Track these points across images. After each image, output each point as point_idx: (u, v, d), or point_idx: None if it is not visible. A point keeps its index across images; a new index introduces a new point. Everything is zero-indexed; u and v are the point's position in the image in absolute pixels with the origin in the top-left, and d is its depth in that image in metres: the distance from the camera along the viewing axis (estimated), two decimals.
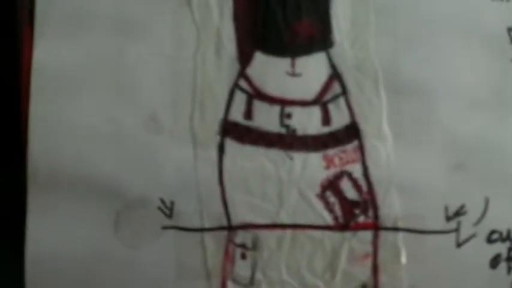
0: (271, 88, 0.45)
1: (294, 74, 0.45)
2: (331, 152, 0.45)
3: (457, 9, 0.47)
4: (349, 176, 0.45)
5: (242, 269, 0.44)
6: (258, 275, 0.45)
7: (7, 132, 0.47)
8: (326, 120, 0.45)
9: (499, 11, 0.46)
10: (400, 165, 0.45)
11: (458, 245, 0.44)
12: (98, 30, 0.46)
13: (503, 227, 0.45)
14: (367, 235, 0.45)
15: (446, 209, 0.44)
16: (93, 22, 0.47)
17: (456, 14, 0.46)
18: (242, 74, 0.46)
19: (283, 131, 0.45)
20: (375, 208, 0.45)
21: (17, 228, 0.47)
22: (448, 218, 0.44)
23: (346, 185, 0.45)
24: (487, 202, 0.45)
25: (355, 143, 0.45)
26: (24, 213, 0.46)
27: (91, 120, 0.46)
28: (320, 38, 0.46)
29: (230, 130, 0.45)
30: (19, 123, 0.46)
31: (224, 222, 0.45)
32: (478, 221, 0.45)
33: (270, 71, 0.45)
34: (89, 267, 0.45)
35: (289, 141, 0.45)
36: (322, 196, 0.45)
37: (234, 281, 0.45)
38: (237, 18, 0.46)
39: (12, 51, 0.47)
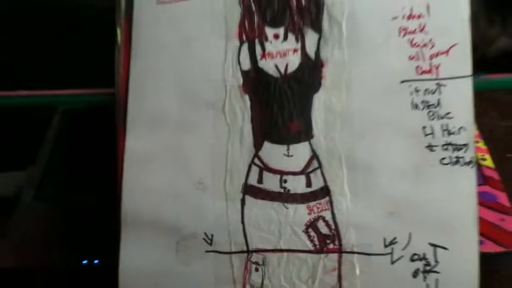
0: (274, 164, 0.56)
1: (288, 155, 0.56)
2: (311, 203, 0.56)
3: (389, 115, 0.57)
4: (323, 219, 0.56)
5: (255, 277, 0.55)
6: (266, 282, 0.55)
7: (110, 193, 0.57)
8: (308, 184, 0.56)
9: (416, 116, 0.56)
10: (355, 212, 0.56)
11: (392, 263, 0.55)
12: (166, 127, 0.57)
13: (420, 252, 0.55)
14: (334, 256, 0.55)
15: (384, 240, 0.55)
16: (163, 122, 0.57)
17: (389, 119, 0.57)
18: (256, 155, 0.57)
19: (281, 190, 0.56)
20: (339, 239, 0.55)
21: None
22: (386, 246, 0.55)
23: (321, 225, 0.55)
24: (410, 236, 0.55)
25: (327, 198, 0.56)
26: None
27: (160, 184, 0.56)
28: (305, 133, 0.57)
29: (248, 190, 0.56)
30: (116, 186, 0.56)
31: (244, 248, 0.56)
32: (404, 248, 0.55)
33: (273, 153, 0.57)
34: (159, 279, 0.55)
35: (285, 197, 0.56)
36: (306, 231, 0.55)
37: (251, 285, 0.55)
38: (253, 121, 0.57)
39: (112, 143, 0.57)
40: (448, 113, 0.57)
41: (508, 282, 0.62)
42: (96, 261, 0.61)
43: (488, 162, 0.70)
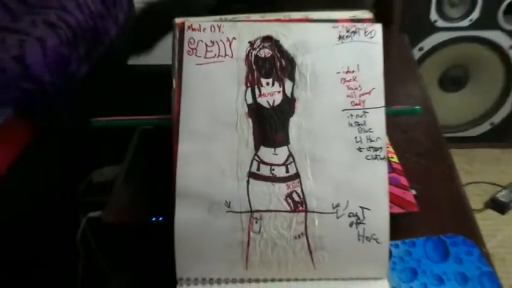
0: (266, 159, 0.56)
1: (275, 154, 0.56)
2: (289, 183, 0.56)
3: (335, 130, 0.57)
4: (296, 192, 0.56)
5: (255, 227, 0.55)
6: (262, 229, 0.55)
7: (168, 177, 0.56)
8: (287, 171, 0.56)
9: (351, 131, 0.57)
10: (315, 188, 0.56)
11: (337, 218, 0.55)
12: (201, 138, 0.57)
13: (354, 211, 0.55)
14: (303, 214, 0.55)
15: (332, 204, 0.55)
16: (199, 135, 0.57)
17: (335, 132, 0.57)
18: (256, 154, 0.57)
19: (271, 175, 0.56)
20: (305, 204, 0.55)
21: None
22: (333, 208, 0.55)
23: (294, 196, 0.55)
24: (347, 202, 0.55)
25: (298, 179, 0.56)
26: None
27: (199, 171, 0.56)
28: (285, 141, 0.57)
29: (251, 175, 0.56)
30: (172, 173, 0.56)
31: (249, 209, 0.55)
32: (344, 209, 0.55)
33: (266, 153, 0.56)
34: (199, 228, 0.55)
35: (273, 179, 0.56)
36: (285, 199, 0.55)
37: (253, 232, 0.55)
38: (254, 134, 0.57)
39: (170, 148, 0.57)
40: (370, 129, 0.58)
41: (405, 230, 0.63)
42: (161, 219, 0.61)
43: (395, 159, 0.70)
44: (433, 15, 1.74)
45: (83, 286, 0.69)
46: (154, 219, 0.62)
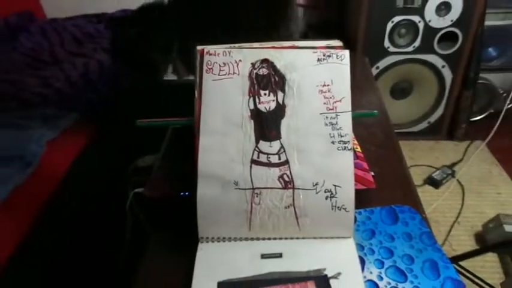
0: (264, 150, 0.55)
1: (270, 146, 0.55)
2: (281, 167, 0.55)
3: (315, 129, 0.55)
4: (286, 174, 0.55)
5: (256, 200, 0.54)
6: (261, 202, 0.54)
7: (193, 164, 0.55)
8: (279, 158, 0.55)
9: (326, 129, 0.55)
10: (300, 171, 0.55)
11: (316, 193, 0.54)
12: (216, 134, 0.56)
13: (329, 188, 0.54)
14: (291, 190, 0.54)
15: (313, 183, 0.54)
16: (215, 132, 0.56)
17: (315, 130, 0.55)
18: (256, 146, 0.55)
19: (267, 162, 0.55)
20: (293, 183, 0.54)
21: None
22: (313, 185, 0.54)
23: (285, 176, 0.55)
24: (324, 181, 0.54)
25: (287, 165, 0.55)
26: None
27: (215, 159, 0.55)
28: (277, 136, 0.55)
29: (253, 162, 0.55)
30: (195, 161, 0.55)
31: (251, 187, 0.54)
32: (322, 186, 0.54)
33: (264, 145, 0.55)
34: (214, 202, 0.54)
35: (269, 165, 0.55)
36: (278, 179, 0.55)
37: (255, 203, 0.54)
38: (255, 131, 0.55)
39: (193, 142, 0.55)
40: (341, 127, 0.57)
41: (366, 201, 0.62)
42: (187, 194, 0.60)
43: (358, 149, 0.69)
44: (386, 43, 1.74)
45: (131, 243, 0.67)
46: (182, 194, 0.61)
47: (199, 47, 0.59)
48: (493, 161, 1.83)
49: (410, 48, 1.75)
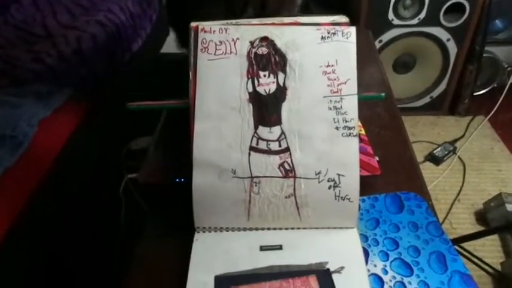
0: (264, 136, 0.52)
1: (270, 132, 0.52)
2: (281, 155, 0.52)
3: (318, 113, 0.52)
4: (287, 162, 0.52)
5: (255, 189, 0.52)
6: (260, 191, 0.52)
7: (187, 149, 0.53)
8: (280, 145, 0.52)
9: (330, 113, 0.52)
10: (301, 159, 0.52)
11: (319, 182, 0.51)
12: (212, 119, 0.52)
13: (332, 177, 0.51)
14: (292, 179, 0.52)
15: (315, 171, 0.51)
16: (210, 116, 0.53)
17: (318, 114, 0.52)
18: (255, 132, 0.52)
19: (267, 149, 0.52)
20: (294, 171, 0.51)
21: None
22: (316, 174, 0.51)
23: (285, 165, 0.52)
24: (327, 170, 0.51)
25: (288, 152, 0.52)
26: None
27: (211, 145, 0.52)
28: (278, 121, 0.52)
29: (252, 149, 0.52)
30: (190, 146, 0.52)
31: (250, 175, 0.52)
32: (325, 175, 0.51)
33: (263, 131, 0.52)
34: (211, 190, 0.52)
35: (269, 152, 0.52)
36: (278, 168, 0.52)
37: (253, 193, 0.52)
38: (253, 116, 0.52)
39: (188, 126, 0.53)
40: (346, 112, 0.53)
41: (370, 188, 0.59)
42: (182, 180, 0.57)
43: (363, 131, 0.66)
44: (390, 15, 1.68)
45: (126, 228, 0.65)
46: (178, 180, 0.58)
47: (193, 23, 0.55)
48: (495, 137, 1.79)
49: (415, 21, 1.68)
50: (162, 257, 0.54)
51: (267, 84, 0.54)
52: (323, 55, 0.54)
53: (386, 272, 0.49)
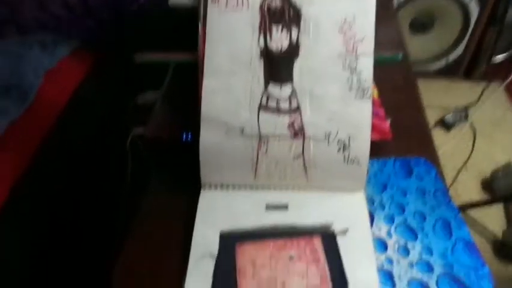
0: (274, 94, 0.51)
1: (281, 90, 0.51)
2: (291, 114, 0.51)
3: (332, 72, 0.51)
4: (296, 121, 0.51)
5: (263, 149, 0.51)
6: (268, 150, 0.51)
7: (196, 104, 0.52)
8: (290, 104, 0.51)
9: (344, 73, 0.50)
10: (311, 119, 0.51)
11: (328, 144, 0.51)
12: (222, 74, 0.51)
13: (342, 139, 0.50)
14: (301, 140, 0.51)
15: (325, 133, 0.50)
16: (220, 72, 0.52)
17: (331, 73, 0.51)
18: (265, 89, 0.51)
19: (277, 107, 0.51)
20: (303, 132, 0.51)
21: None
22: (325, 136, 0.51)
23: (295, 124, 0.51)
24: (337, 131, 0.50)
25: (299, 111, 0.51)
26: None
27: (219, 102, 0.51)
28: (289, 79, 0.51)
29: (261, 107, 0.51)
30: (198, 102, 0.51)
31: (258, 134, 0.51)
32: (335, 137, 0.50)
33: (274, 89, 0.51)
34: (218, 147, 0.51)
35: (278, 111, 0.51)
36: (288, 127, 0.51)
37: (261, 151, 0.51)
38: (264, 72, 0.51)
39: (197, 81, 0.52)
40: (361, 72, 0.51)
41: (379, 152, 0.58)
42: (190, 136, 0.57)
43: (376, 94, 0.64)
44: None
45: (132, 183, 0.65)
46: (185, 136, 0.57)
47: None
48: (509, 105, 1.76)
49: None
50: (167, 213, 0.54)
51: (279, 40, 0.52)
52: (340, 10, 0.52)
53: (390, 236, 0.50)
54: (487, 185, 1.39)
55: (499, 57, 1.91)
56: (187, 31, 0.56)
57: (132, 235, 0.52)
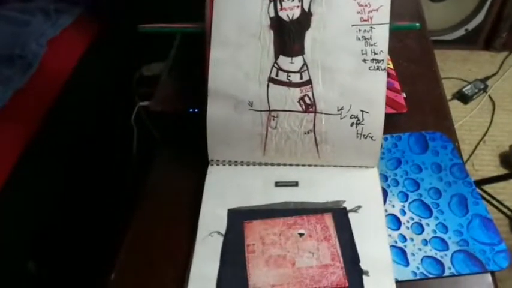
0: (284, 67, 0.50)
1: (291, 62, 0.50)
2: (302, 87, 0.50)
3: (345, 43, 0.50)
4: (307, 96, 0.50)
5: (272, 123, 0.50)
6: (277, 125, 0.50)
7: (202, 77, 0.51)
8: (301, 77, 0.50)
9: (358, 44, 0.49)
10: (323, 93, 0.50)
11: (341, 119, 0.50)
12: (230, 46, 0.50)
13: (355, 114, 0.49)
14: (312, 115, 0.50)
15: (337, 107, 0.49)
16: (228, 44, 0.50)
17: (344, 45, 0.49)
18: (275, 62, 0.50)
19: (287, 81, 0.50)
20: (315, 106, 0.50)
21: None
22: (338, 110, 0.49)
23: (306, 98, 0.50)
24: (350, 106, 0.49)
25: (310, 85, 0.50)
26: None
27: (227, 74, 0.50)
28: (300, 51, 0.50)
29: (271, 80, 0.50)
30: (205, 74, 0.50)
31: (268, 108, 0.50)
32: (347, 111, 0.49)
33: (284, 61, 0.50)
34: (226, 121, 0.51)
35: (289, 84, 0.50)
36: (298, 102, 0.50)
37: (271, 127, 0.50)
38: (274, 44, 0.50)
39: (204, 52, 0.51)
40: (375, 43, 0.50)
41: (394, 126, 0.57)
42: (197, 110, 0.55)
43: (390, 65, 0.62)
44: None
45: (138, 158, 0.65)
46: (191, 110, 0.57)
47: None
48: None
49: None
50: (174, 189, 0.54)
51: (290, 8, 0.50)
52: None
53: (404, 213, 0.49)
54: (505, 158, 1.38)
55: None
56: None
57: (139, 212, 0.52)
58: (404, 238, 0.47)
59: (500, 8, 1.75)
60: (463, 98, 1.64)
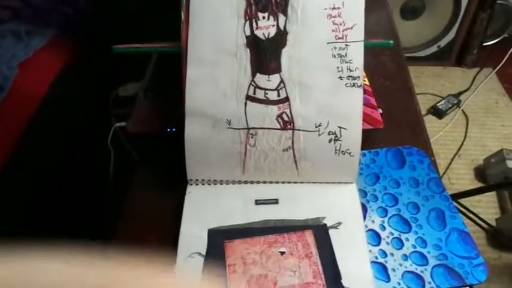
0: (262, 85, 0.50)
1: (268, 80, 0.50)
2: (280, 105, 0.50)
3: (320, 60, 0.50)
4: (285, 113, 0.50)
5: (251, 141, 0.51)
6: (256, 143, 0.51)
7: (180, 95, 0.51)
8: (278, 95, 0.50)
9: (334, 61, 0.50)
10: (301, 110, 0.50)
11: (319, 135, 0.50)
12: (206, 64, 0.50)
13: (333, 130, 0.50)
14: (290, 132, 0.50)
15: (315, 124, 0.50)
16: (204, 61, 0.50)
17: (320, 62, 0.50)
18: (252, 80, 0.50)
19: (265, 98, 0.50)
20: (293, 123, 0.50)
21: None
22: (316, 127, 0.50)
23: (284, 116, 0.50)
24: (328, 122, 0.50)
25: (287, 102, 0.50)
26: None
27: (204, 93, 0.50)
28: (277, 69, 0.50)
29: (248, 98, 0.50)
30: (182, 94, 0.50)
31: (246, 126, 0.50)
32: (325, 128, 0.50)
33: (261, 79, 0.50)
34: (203, 140, 0.50)
35: (267, 102, 0.50)
36: (276, 119, 0.50)
37: (249, 145, 0.51)
38: (251, 62, 0.50)
39: (180, 72, 0.51)
40: (351, 60, 0.51)
41: (371, 142, 0.58)
42: (174, 129, 0.56)
43: (366, 82, 0.64)
44: None
45: (116, 180, 0.65)
46: (169, 129, 0.57)
47: None
48: (501, 91, 1.78)
49: None
50: (153, 210, 0.54)
51: (266, 27, 0.51)
52: None
53: (384, 228, 0.50)
54: (480, 172, 1.41)
55: (491, 43, 1.93)
56: (169, 18, 0.55)
57: (118, 235, 0.51)
58: (384, 253, 0.47)
59: (470, 26, 1.82)
60: (438, 113, 1.68)
